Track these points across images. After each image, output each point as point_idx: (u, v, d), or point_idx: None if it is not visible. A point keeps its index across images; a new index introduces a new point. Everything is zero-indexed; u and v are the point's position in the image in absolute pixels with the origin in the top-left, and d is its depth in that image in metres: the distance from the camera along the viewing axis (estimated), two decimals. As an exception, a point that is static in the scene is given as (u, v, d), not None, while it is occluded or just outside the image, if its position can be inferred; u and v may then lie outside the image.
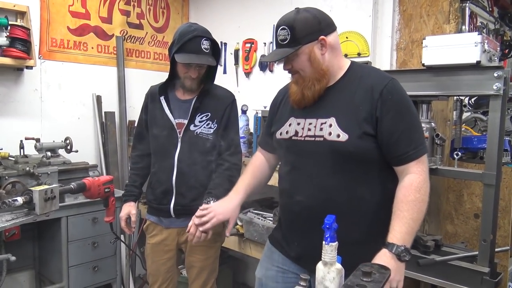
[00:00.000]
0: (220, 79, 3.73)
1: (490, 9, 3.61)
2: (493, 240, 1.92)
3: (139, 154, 2.21)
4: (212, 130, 2.00)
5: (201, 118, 2.00)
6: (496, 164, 1.87)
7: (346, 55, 2.85)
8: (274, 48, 1.53)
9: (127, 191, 2.17)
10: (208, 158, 2.01)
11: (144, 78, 3.68)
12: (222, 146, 2.04)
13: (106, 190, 1.78)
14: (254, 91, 3.47)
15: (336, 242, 1.13)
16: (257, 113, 2.96)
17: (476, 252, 2.00)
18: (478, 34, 1.82)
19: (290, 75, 1.57)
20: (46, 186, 1.59)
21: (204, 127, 2.00)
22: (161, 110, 2.03)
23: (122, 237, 3.08)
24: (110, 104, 3.54)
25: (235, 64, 3.61)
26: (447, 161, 2.38)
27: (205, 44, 1.92)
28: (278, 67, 3.26)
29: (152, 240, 2.14)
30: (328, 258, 1.12)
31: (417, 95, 2.12)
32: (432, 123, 2.14)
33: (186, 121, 1.99)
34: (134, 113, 3.66)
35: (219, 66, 3.79)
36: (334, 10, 2.92)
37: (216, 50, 2.02)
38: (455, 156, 2.11)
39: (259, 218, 2.61)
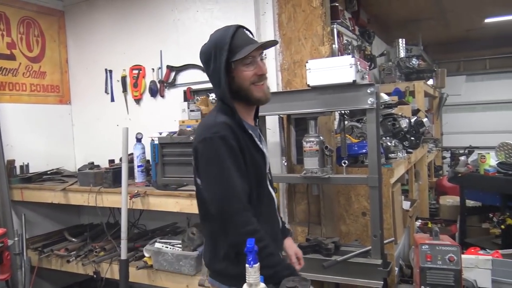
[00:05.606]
0: (108, 107, 3.61)
1: (352, 28, 4.09)
2: (381, 234, 2.19)
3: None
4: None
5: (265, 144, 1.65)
6: (377, 168, 2.15)
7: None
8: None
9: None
10: None
11: (22, 113, 3.40)
12: None
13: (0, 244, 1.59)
14: (146, 118, 3.41)
15: (258, 263, 1.21)
16: (153, 140, 2.91)
17: (369, 247, 2.27)
18: (352, 57, 2.07)
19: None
20: None
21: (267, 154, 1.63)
22: (255, 148, 1.53)
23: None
24: (-17, 144, 3.17)
25: (123, 92, 3.51)
26: (335, 169, 2.63)
27: (250, 34, 1.55)
28: (169, 92, 3.27)
29: None
30: (252, 280, 1.19)
31: (305, 112, 2.33)
32: (321, 137, 2.36)
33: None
34: (12, 151, 3.33)
35: (106, 94, 3.69)
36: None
37: None
38: (343, 164, 2.36)
39: (167, 247, 2.57)
